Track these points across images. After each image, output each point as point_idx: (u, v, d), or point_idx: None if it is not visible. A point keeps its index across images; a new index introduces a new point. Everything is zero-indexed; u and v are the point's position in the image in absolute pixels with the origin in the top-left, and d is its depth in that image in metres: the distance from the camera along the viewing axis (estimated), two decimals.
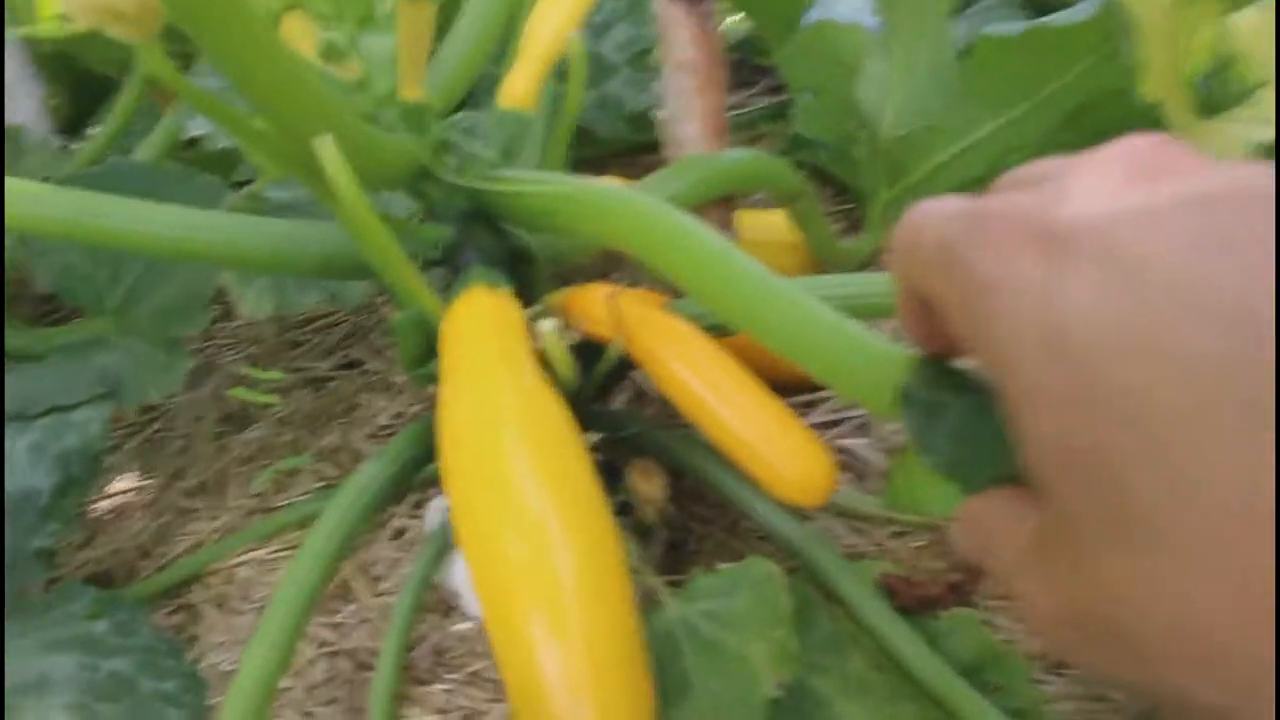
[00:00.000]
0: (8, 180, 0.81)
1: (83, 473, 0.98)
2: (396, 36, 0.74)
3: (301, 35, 0.73)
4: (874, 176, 1.18)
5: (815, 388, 1.02)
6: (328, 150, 0.63)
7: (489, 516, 0.63)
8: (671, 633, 0.70)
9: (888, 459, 0.94)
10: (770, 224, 1.13)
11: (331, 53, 0.70)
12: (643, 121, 1.20)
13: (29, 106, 1.54)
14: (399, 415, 1.16)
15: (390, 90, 0.75)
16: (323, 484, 1.10)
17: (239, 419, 1.25)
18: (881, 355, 0.54)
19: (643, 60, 1.21)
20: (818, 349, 0.58)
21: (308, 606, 0.75)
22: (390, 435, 1.14)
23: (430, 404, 1.13)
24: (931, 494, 0.87)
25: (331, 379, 1.27)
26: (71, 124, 2.15)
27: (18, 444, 0.99)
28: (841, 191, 1.35)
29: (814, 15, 1.37)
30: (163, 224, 0.80)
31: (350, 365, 1.29)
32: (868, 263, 1.17)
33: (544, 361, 0.74)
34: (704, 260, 0.61)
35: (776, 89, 1.60)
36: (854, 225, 1.31)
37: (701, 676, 0.68)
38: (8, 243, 1.32)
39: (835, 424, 0.99)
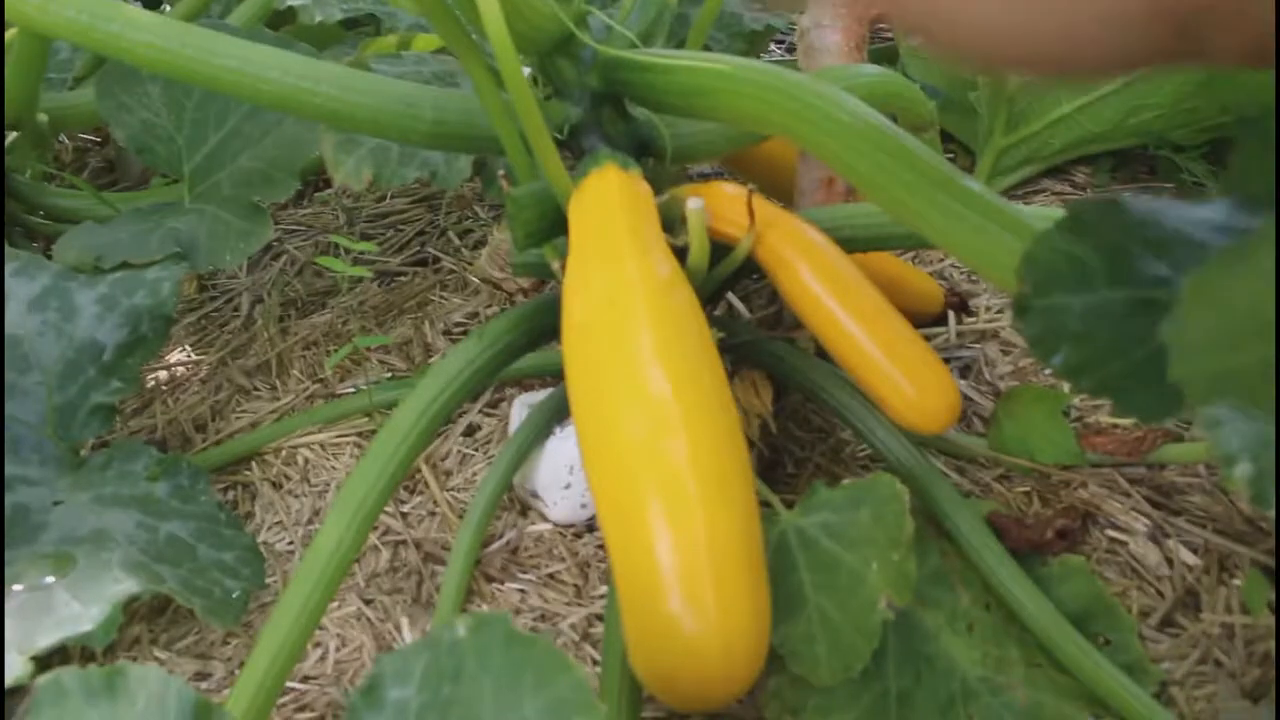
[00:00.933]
0: (124, 6, 0.77)
1: (152, 332, 0.94)
2: None
3: None
4: (991, 124, 1.14)
5: (921, 323, 0.98)
6: None
7: (610, 395, 0.60)
8: (786, 544, 0.66)
9: (992, 402, 0.90)
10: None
11: None
12: (758, 40, 1.15)
13: None
14: (474, 314, 1.12)
15: None
16: (390, 374, 1.06)
17: (302, 305, 1.21)
18: (1008, 233, 0.51)
19: None
20: (946, 224, 0.54)
21: (390, 486, 0.71)
22: (465, 333, 1.09)
23: (508, 308, 1.10)
24: (1043, 441, 0.83)
25: (402, 274, 1.23)
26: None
27: (86, 295, 0.96)
28: (944, 140, 1.30)
29: None
30: (275, 70, 0.76)
31: (422, 262, 1.24)
32: None
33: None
34: (879, 146, 0.57)
35: (884, 35, 1.55)
36: (969, 165, 1.26)
37: (815, 592, 0.64)
38: (83, 98, 1.28)
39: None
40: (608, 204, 0.69)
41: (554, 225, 0.74)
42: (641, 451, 0.57)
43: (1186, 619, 0.74)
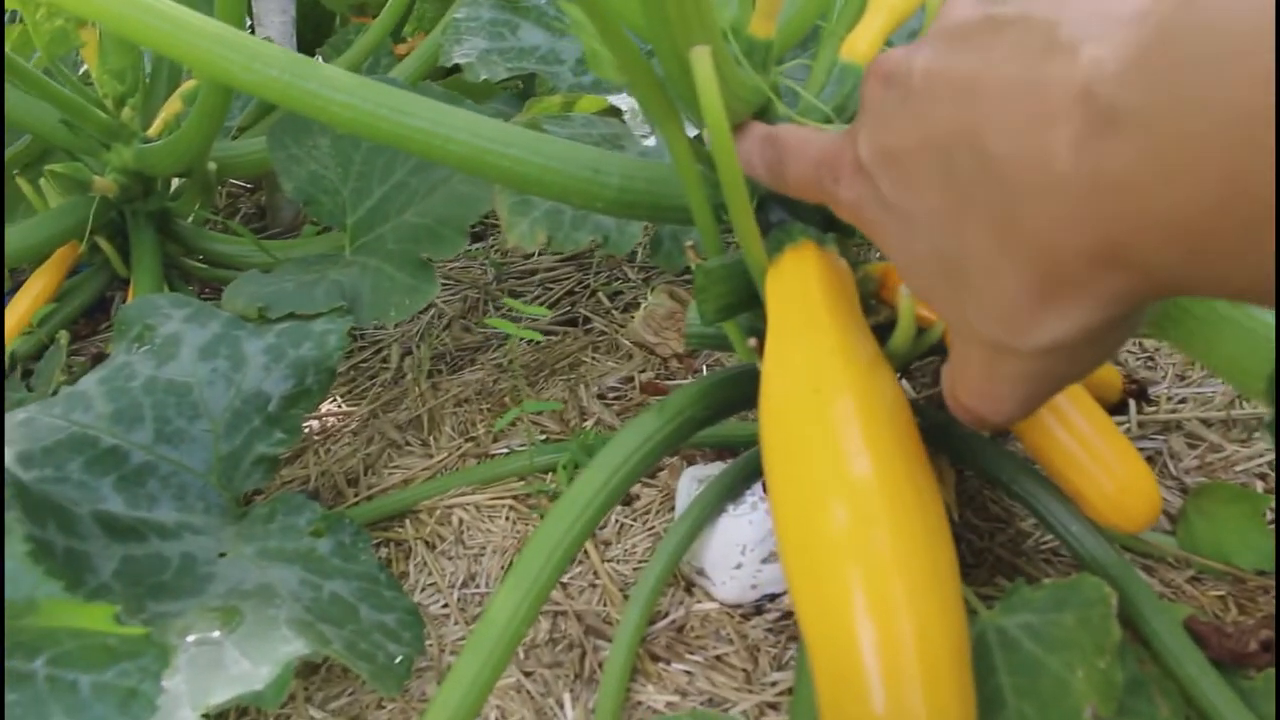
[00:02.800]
0: (311, 61, 0.78)
1: (316, 384, 0.95)
2: None
3: None
4: None
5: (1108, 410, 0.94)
6: (703, 61, 0.58)
7: (814, 483, 0.57)
8: (985, 643, 0.63)
9: (1180, 498, 0.85)
10: None
11: None
12: None
13: (279, 22, 1.54)
14: (628, 379, 1.10)
15: (734, 22, 0.70)
16: (545, 437, 1.04)
17: (451, 359, 1.22)
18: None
19: None
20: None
21: (564, 561, 0.70)
22: (620, 398, 1.08)
23: (663, 373, 1.08)
24: (1240, 543, 0.78)
25: (553, 333, 1.22)
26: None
27: (254, 345, 0.97)
28: None
29: None
30: (466, 131, 0.76)
31: (571, 322, 1.24)
32: None
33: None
34: None
35: None
36: None
37: (1016, 697, 0.60)
38: (250, 147, 1.31)
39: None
40: (807, 281, 0.66)
41: (744, 300, 0.73)
42: (847, 543, 0.54)
43: None
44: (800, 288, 0.66)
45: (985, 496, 0.85)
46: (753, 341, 0.74)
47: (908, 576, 0.53)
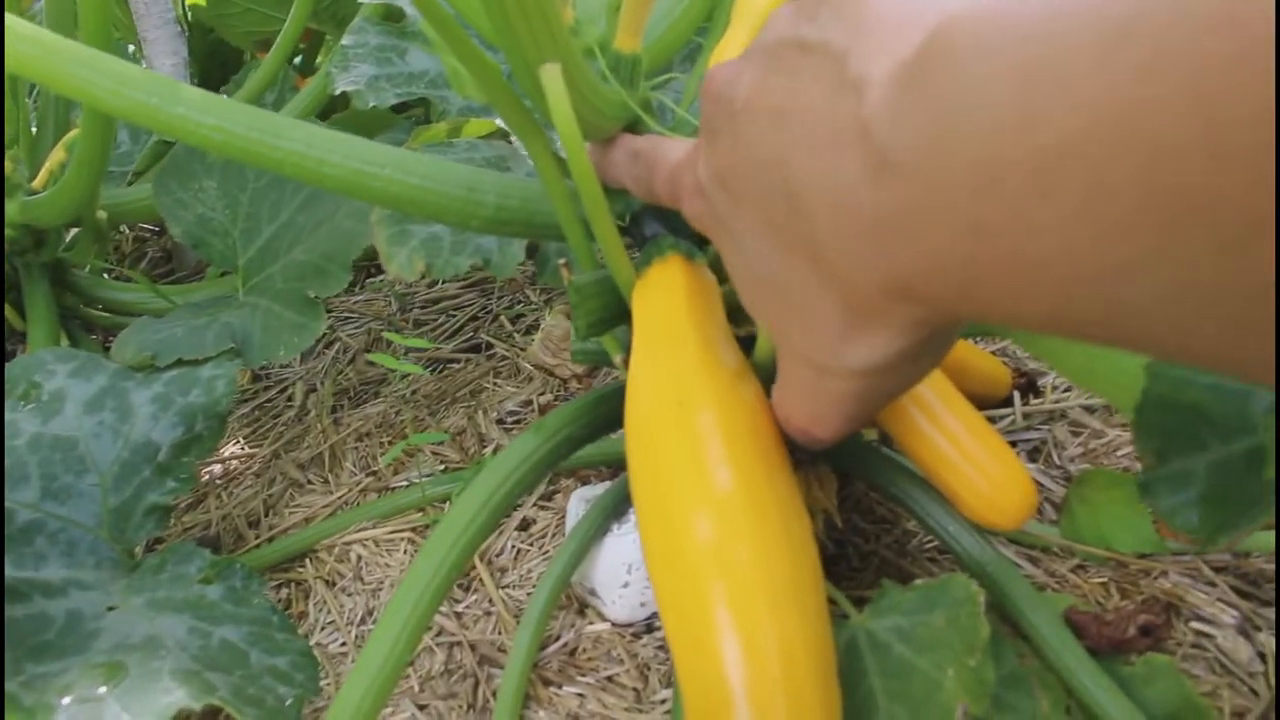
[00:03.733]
0: (178, 83, 0.77)
1: (207, 430, 0.93)
2: None
3: None
4: None
5: (986, 405, 0.95)
6: (553, 78, 0.58)
7: (677, 496, 0.57)
8: (856, 648, 0.63)
9: (1063, 487, 0.86)
10: None
11: None
12: None
13: (170, 64, 1.52)
14: (527, 403, 1.10)
15: (601, 39, 0.70)
16: (444, 467, 1.04)
17: (355, 394, 1.20)
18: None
19: None
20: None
21: (444, 590, 0.69)
22: (519, 423, 1.08)
23: (562, 394, 1.08)
24: (1120, 528, 0.79)
25: (454, 361, 1.21)
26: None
27: (141, 395, 0.95)
28: None
29: None
30: (339, 153, 0.75)
31: (475, 349, 1.23)
32: None
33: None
34: None
35: None
36: None
37: (888, 700, 0.60)
38: (140, 194, 1.29)
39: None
40: (673, 294, 0.67)
41: (616, 314, 0.73)
42: (709, 556, 0.54)
43: None
44: (665, 301, 0.66)
45: (872, 499, 0.85)
46: (620, 357, 0.74)
47: (769, 588, 0.53)
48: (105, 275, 1.39)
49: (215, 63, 2.16)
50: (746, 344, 0.70)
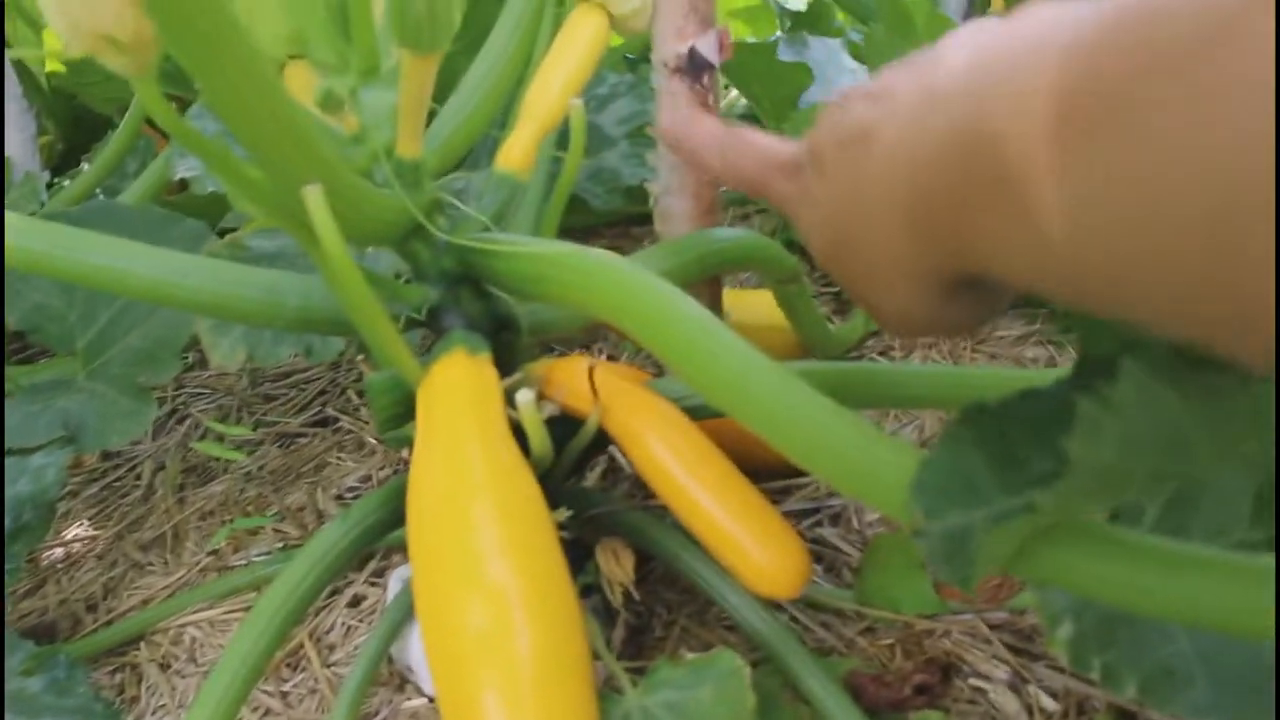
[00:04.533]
0: None
1: (35, 520, 0.94)
2: (398, 91, 0.73)
3: (303, 85, 0.72)
4: None
5: (791, 474, 1.00)
6: (315, 200, 0.61)
7: (450, 586, 0.61)
8: None
9: (861, 552, 0.92)
10: (757, 304, 1.12)
11: (329, 103, 0.69)
12: (638, 194, 1.19)
13: (18, 140, 1.52)
14: (367, 478, 1.13)
15: (386, 145, 0.73)
16: (283, 544, 1.06)
17: (203, 471, 1.22)
18: (886, 452, 0.52)
19: (641, 135, 1.21)
20: (807, 438, 0.55)
21: (255, 674, 0.72)
22: (357, 498, 1.10)
23: (402, 468, 1.11)
24: (905, 591, 0.85)
25: (302, 435, 1.24)
26: (65, 160, 2.15)
27: None
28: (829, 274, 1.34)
29: (813, 95, 1.38)
30: (142, 264, 0.78)
31: (322, 423, 1.26)
32: (856, 348, 1.16)
33: (519, 431, 0.72)
34: (691, 339, 0.59)
35: None
36: (841, 308, 1.30)
37: None
38: None
39: (810, 513, 0.97)
40: (453, 392, 0.70)
41: (411, 409, 0.76)
42: (478, 646, 0.58)
43: None
44: (445, 399, 0.70)
45: (676, 571, 0.89)
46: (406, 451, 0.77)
47: (535, 676, 0.56)
48: None
49: (81, 129, 2.16)
50: (550, 426, 0.74)
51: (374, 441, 1.18)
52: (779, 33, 2.34)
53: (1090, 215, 0.35)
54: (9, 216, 0.80)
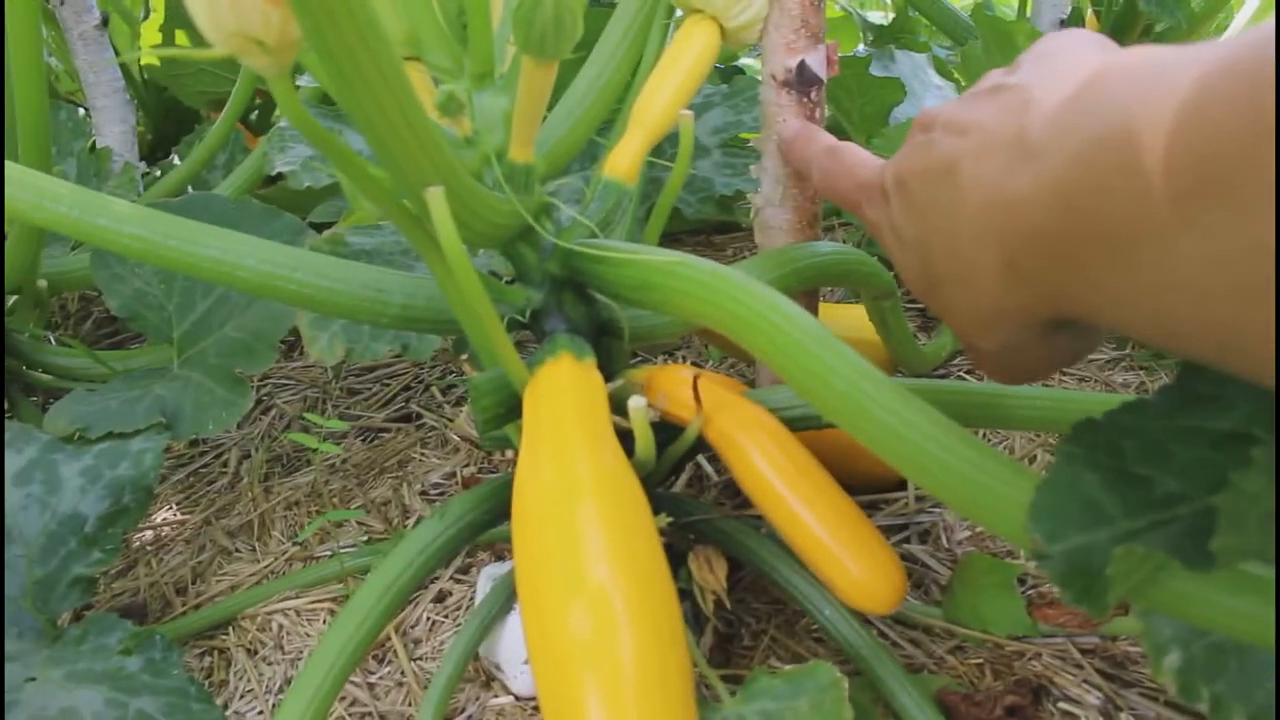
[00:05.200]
0: (100, 195, 0.81)
1: (134, 503, 0.97)
2: (512, 96, 0.73)
3: (417, 89, 0.73)
4: None
5: (880, 489, 1.00)
6: (437, 200, 0.62)
7: (555, 588, 0.61)
8: None
9: (950, 570, 0.91)
10: (846, 318, 1.12)
11: (451, 106, 0.70)
12: (727, 205, 1.19)
13: (119, 131, 1.56)
14: (451, 475, 1.14)
15: (498, 149, 0.75)
16: (367, 538, 1.07)
17: (288, 461, 1.24)
18: (1003, 472, 0.51)
19: (734, 145, 1.21)
20: (923, 454, 0.55)
21: (351, 664, 0.73)
22: (442, 495, 1.12)
23: (487, 466, 1.12)
24: (996, 611, 0.84)
25: (386, 430, 1.25)
26: (153, 151, 2.20)
27: (71, 468, 0.98)
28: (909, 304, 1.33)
29: (903, 111, 1.37)
30: (251, 258, 0.79)
31: (406, 418, 1.27)
32: (942, 366, 1.15)
33: (621, 436, 0.72)
34: (809, 351, 0.59)
35: None
36: (926, 325, 1.30)
37: None
38: (81, 262, 1.33)
39: (899, 529, 0.96)
40: (560, 395, 0.71)
41: (513, 410, 0.77)
42: (581, 648, 0.58)
43: None
44: (552, 401, 0.71)
45: (766, 581, 0.89)
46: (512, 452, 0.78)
47: (636, 680, 0.57)
48: (47, 339, 1.42)
49: (170, 121, 2.21)
50: (629, 440, 0.74)
51: (458, 439, 1.19)
52: (861, 46, 2.33)
53: (1215, 278, 0.35)
54: (122, 205, 0.82)
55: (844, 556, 0.71)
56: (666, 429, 0.79)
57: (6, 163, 0.82)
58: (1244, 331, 0.35)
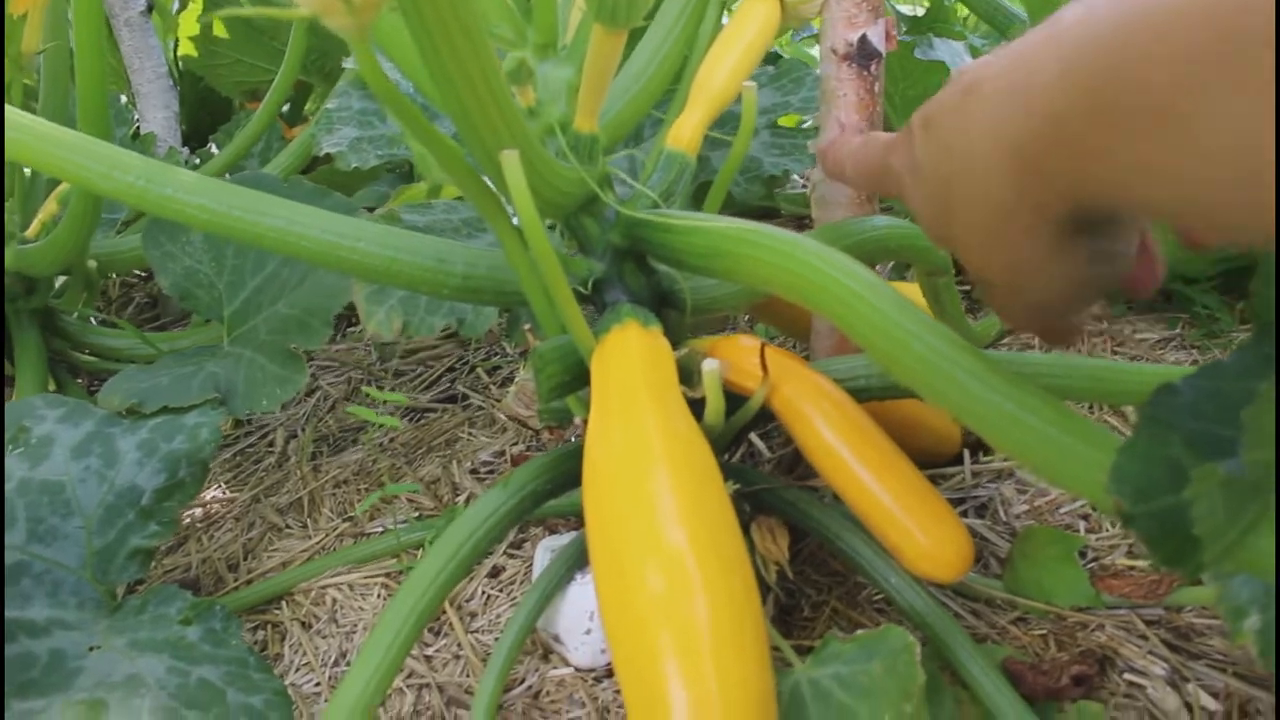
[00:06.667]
0: (168, 166, 0.82)
1: (190, 477, 0.97)
2: (575, 67, 0.74)
3: None
4: None
5: (938, 463, 1.00)
6: (511, 164, 0.63)
7: (628, 551, 0.61)
8: (799, 695, 0.67)
9: (1008, 543, 0.91)
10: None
11: (520, 75, 0.70)
12: (774, 185, 1.19)
13: (162, 117, 1.57)
14: (500, 453, 1.14)
15: (562, 119, 0.75)
16: (418, 514, 1.08)
17: (335, 441, 1.25)
18: (1086, 434, 0.51)
19: (782, 127, 1.21)
20: (1004, 419, 0.55)
21: (414, 633, 0.73)
22: (492, 472, 1.12)
23: (534, 444, 1.12)
24: (1058, 582, 0.84)
25: (431, 410, 1.26)
26: (185, 142, 2.21)
27: (127, 441, 0.99)
28: (961, 270, 1.33)
29: None
30: (317, 227, 0.80)
31: (451, 399, 1.28)
32: (992, 345, 1.15)
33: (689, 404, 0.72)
34: (889, 317, 0.59)
35: None
36: (972, 307, 1.29)
37: None
38: (129, 243, 1.33)
39: (957, 502, 0.96)
40: (628, 361, 0.71)
41: (577, 378, 0.77)
42: (658, 609, 0.58)
43: None
44: (621, 367, 0.71)
45: (825, 553, 0.89)
46: (581, 418, 0.78)
47: (714, 639, 0.57)
48: (93, 321, 1.43)
49: (205, 111, 2.22)
50: (697, 406, 0.74)
51: (504, 418, 1.19)
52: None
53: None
54: (188, 176, 0.82)
55: (912, 525, 0.71)
56: (729, 399, 0.79)
57: (76, 134, 0.83)
58: None
